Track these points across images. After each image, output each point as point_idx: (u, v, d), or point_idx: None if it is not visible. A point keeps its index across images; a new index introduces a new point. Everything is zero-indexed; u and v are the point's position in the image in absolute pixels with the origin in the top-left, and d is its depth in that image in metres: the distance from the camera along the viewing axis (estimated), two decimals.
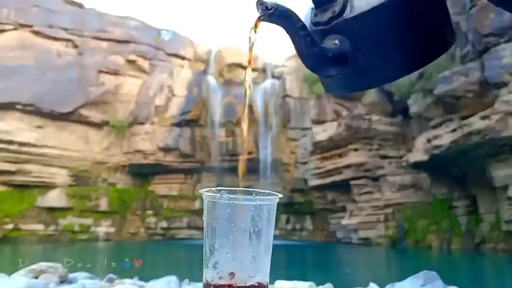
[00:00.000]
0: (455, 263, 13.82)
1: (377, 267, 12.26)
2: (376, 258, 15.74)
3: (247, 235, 0.61)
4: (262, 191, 0.62)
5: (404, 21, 0.71)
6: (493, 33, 14.56)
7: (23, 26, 24.59)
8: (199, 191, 0.63)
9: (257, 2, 0.66)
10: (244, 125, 0.71)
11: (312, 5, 0.76)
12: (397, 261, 15.40)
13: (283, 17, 0.67)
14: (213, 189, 0.61)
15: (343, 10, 0.71)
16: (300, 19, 0.68)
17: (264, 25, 0.67)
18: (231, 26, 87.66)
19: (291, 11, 0.68)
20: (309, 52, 0.69)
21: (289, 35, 0.69)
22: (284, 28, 0.68)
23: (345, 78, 0.75)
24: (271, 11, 0.65)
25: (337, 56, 0.71)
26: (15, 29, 24.48)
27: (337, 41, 0.72)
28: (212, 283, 0.61)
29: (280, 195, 0.64)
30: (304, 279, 2.03)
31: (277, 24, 0.68)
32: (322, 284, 2.03)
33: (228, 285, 0.60)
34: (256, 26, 0.66)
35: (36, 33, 24.74)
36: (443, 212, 18.65)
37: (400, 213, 19.73)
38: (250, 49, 0.68)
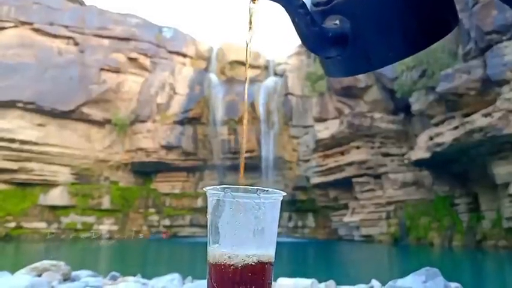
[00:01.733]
0: (456, 260, 13.82)
1: (379, 264, 12.26)
2: (378, 255, 15.74)
3: (251, 233, 0.61)
4: (266, 189, 0.62)
5: (406, 2, 0.70)
6: (495, 31, 14.51)
7: (23, 23, 24.58)
8: (204, 188, 0.64)
9: None
10: (244, 121, 0.71)
11: None
12: (398, 258, 15.40)
13: None
14: (218, 187, 0.61)
15: None
16: None
17: (263, 2, 0.66)
18: (233, 24, 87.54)
19: None
20: (309, 31, 0.68)
21: (288, 14, 0.68)
22: (283, 6, 0.67)
23: (345, 60, 0.74)
24: None
25: (337, 37, 0.70)
26: (15, 26, 24.46)
27: (337, 21, 0.71)
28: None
29: (284, 193, 0.64)
30: (307, 276, 2.04)
31: (275, 1, 0.66)
32: (325, 281, 2.03)
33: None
34: (254, 2, 0.65)
35: (37, 30, 24.73)
36: (445, 209, 18.64)
37: (401, 211, 19.73)
38: (250, 23, 0.67)
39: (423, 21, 0.72)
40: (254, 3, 0.65)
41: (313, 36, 0.68)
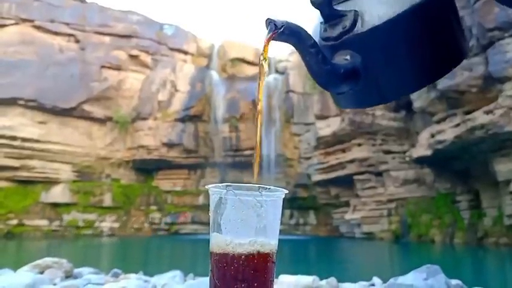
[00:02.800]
0: (457, 257, 13.82)
1: (380, 262, 12.27)
2: (379, 252, 15.75)
3: (253, 231, 0.61)
4: (268, 186, 0.62)
5: (417, 35, 0.70)
6: (497, 28, 14.46)
7: (24, 20, 24.57)
8: (206, 186, 0.64)
9: (266, 20, 0.65)
10: (259, 127, 0.70)
11: (321, 19, 0.75)
12: (400, 255, 15.42)
13: (293, 35, 0.66)
14: (220, 184, 0.62)
15: (353, 25, 0.70)
16: (310, 36, 0.67)
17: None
18: (234, 21, 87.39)
19: (301, 28, 0.67)
20: (321, 70, 0.68)
21: (300, 53, 0.68)
22: (294, 46, 0.67)
23: (357, 93, 0.74)
24: (281, 29, 0.64)
25: (349, 72, 0.70)
26: (16, 23, 24.45)
27: (348, 57, 0.71)
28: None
29: (286, 191, 0.64)
30: (308, 274, 2.04)
31: (287, 42, 0.67)
32: (326, 278, 2.03)
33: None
34: (266, 46, 0.65)
35: (38, 28, 24.73)
36: (446, 206, 18.64)
37: (403, 208, 19.74)
38: (262, 74, 0.67)
39: (433, 53, 0.72)
40: (265, 59, 0.65)
41: (325, 74, 0.69)
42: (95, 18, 26.07)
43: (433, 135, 17.28)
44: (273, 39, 0.65)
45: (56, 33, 25.14)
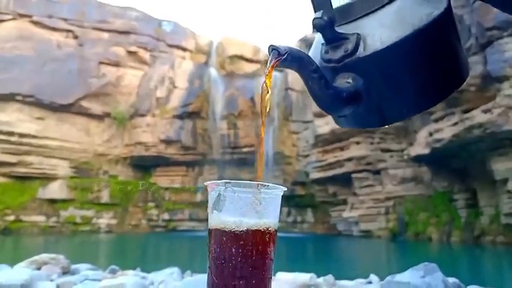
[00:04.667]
0: (454, 255, 13.88)
1: (377, 259, 12.31)
2: (377, 250, 15.80)
3: None
4: (267, 183, 0.62)
5: (419, 59, 0.70)
6: (496, 27, 14.47)
7: (22, 16, 24.46)
8: (205, 183, 0.64)
9: (269, 47, 0.64)
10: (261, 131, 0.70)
11: (322, 40, 0.75)
12: (397, 253, 15.47)
13: (296, 61, 0.66)
14: (219, 181, 0.62)
15: (356, 48, 0.70)
16: (312, 61, 0.67)
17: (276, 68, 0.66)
18: (233, 18, 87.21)
19: (304, 53, 0.67)
20: (323, 94, 0.68)
21: (302, 78, 0.68)
22: (297, 71, 0.67)
23: (358, 116, 0.75)
24: (284, 56, 0.64)
25: (351, 96, 0.70)
26: (14, 19, 24.34)
27: (350, 80, 0.71)
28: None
29: (285, 188, 0.64)
30: (306, 271, 2.04)
31: (289, 68, 0.67)
32: (324, 276, 2.04)
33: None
34: (270, 73, 0.65)
35: (36, 23, 24.62)
36: (444, 205, 18.69)
37: (400, 206, 19.79)
38: (264, 100, 0.65)
39: (434, 76, 0.72)
40: (268, 91, 0.65)
41: (328, 99, 0.69)
42: (94, 14, 25.98)
43: (431, 134, 17.32)
44: (276, 66, 0.65)
45: (54, 29, 25.04)
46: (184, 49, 28.10)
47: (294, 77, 25.61)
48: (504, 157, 15.13)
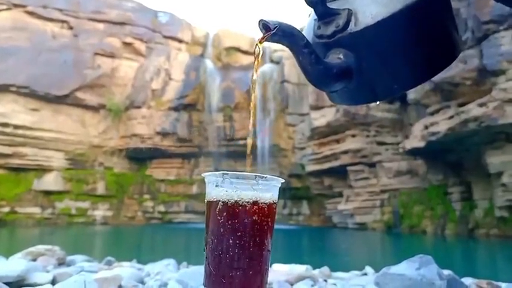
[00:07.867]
0: (449, 248, 14.00)
1: (372, 252, 12.40)
2: (372, 242, 15.91)
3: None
4: (265, 175, 0.62)
5: (410, 34, 0.70)
6: (492, 21, 14.47)
7: (16, 6, 24.18)
8: (202, 174, 0.63)
9: (259, 21, 0.65)
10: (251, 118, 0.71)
11: (315, 16, 0.75)
12: (392, 245, 15.58)
13: (286, 36, 0.66)
14: (216, 173, 0.61)
15: (347, 24, 0.70)
16: (303, 36, 0.67)
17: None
18: (230, 9, 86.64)
19: (294, 28, 0.67)
20: (314, 70, 0.68)
21: (293, 53, 0.68)
22: (287, 46, 0.68)
23: (350, 91, 0.75)
24: (274, 31, 0.64)
25: (342, 71, 0.70)
26: (8, 9, 24.05)
27: (341, 55, 0.71)
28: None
29: (282, 180, 0.64)
30: (301, 263, 2.05)
31: (280, 43, 0.67)
32: (319, 268, 2.05)
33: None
34: (259, 43, 0.66)
35: (30, 13, 24.34)
36: (438, 198, 18.81)
37: (395, 199, 19.89)
38: (256, 59, 0.67)
39: (426, 52, 0.72)
40: (261, 44, 0.65)
41: (318, 74, 0.69)
42: (89, 5, 25.72)
43: (426, 127, 17.37)
44: (266, 40, 0.65)
45: (49, 20, 24.78)
46: (180, 41, 27.92)
47: (290, 70, 25.55)
48: (499, 150, 15.21)
